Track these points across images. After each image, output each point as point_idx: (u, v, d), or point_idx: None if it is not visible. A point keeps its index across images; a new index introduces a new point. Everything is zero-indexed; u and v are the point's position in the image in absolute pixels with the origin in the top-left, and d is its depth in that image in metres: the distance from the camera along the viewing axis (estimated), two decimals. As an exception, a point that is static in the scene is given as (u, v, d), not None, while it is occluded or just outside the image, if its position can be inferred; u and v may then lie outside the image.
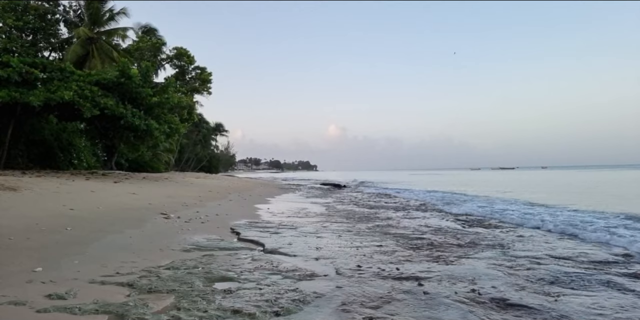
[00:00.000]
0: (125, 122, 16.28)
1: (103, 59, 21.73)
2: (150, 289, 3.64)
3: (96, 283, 3.75)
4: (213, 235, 6.80)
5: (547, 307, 3.46)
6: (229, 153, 73.48)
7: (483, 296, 3.73)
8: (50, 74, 15.98)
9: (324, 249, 5.87)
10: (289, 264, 4.84)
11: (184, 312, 3.13)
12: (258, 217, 10.03)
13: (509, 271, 4.68)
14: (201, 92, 34.35)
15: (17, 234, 5.43)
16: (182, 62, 32.34)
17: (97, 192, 11.02)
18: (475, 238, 7.13)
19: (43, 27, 20.97)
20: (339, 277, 4.35)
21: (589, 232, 7.34)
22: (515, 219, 9.67)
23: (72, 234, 5.89)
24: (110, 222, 7.16)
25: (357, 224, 8.91)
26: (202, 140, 49.39)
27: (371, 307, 3.41)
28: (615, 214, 9.99)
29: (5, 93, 14.10)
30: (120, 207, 9.07)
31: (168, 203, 10.81)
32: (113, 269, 4.25)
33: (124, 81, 16.73)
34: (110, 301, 3.26)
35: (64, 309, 3.05)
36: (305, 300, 3.53)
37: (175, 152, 38.22)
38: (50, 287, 3.52)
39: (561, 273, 4.61)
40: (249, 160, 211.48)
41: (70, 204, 8.26)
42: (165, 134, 18.52)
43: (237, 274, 4.33)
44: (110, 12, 23.51)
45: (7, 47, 17.87)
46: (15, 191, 9.11)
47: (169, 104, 18.36)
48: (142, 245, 5.58)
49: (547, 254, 5.68)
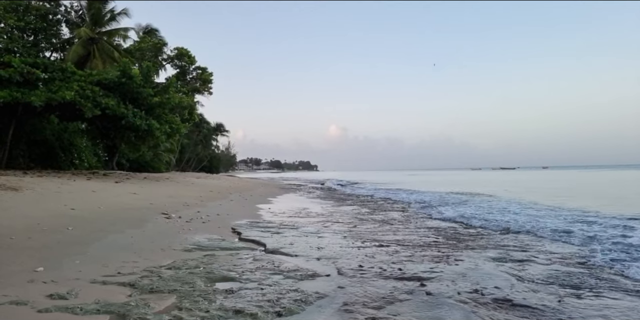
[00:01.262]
0: (127, 122, 16.29)
1: (104, 59, 21.74)
2: (152, 289, 3.63)
3: (97, 283, 3.74)
4: (214, 235, 6.79)
5: (551, 308, 3.44)
6: (229, 153, 73.53)
7: (486, 297, 3.71)
8: (52, 74, 15.99)
9: (326, 249, 5.85)
10: (290, 264, 4.82)
11: (186, 312, 3.12)
12: (259, 217, 10.02)
13: (512, 272, 4.66)
14: (202, 92, 34.34)
15: (19, 233, 5.42)
16: (183, 62, 32.32)
17: (98, 192, 11.02)
18: (476, 239, 7.11)
19: (44, 28, 20.97)
20: (341, 277, 4.33)
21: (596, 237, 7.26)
22: (510, 222, 9.59)
23: (74, 233, 5.88)
24: (111, 222, 7.15)
25: (358, 224, 8.89)
26: (202, 141, 49.41)
27: (373, 308, 3.39)
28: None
29: (6, 93, 14.11)
30: (121, 207, 9.07)
31: (169, 203, 10.80)
32: (114, 268, 4.24)
33: (125, 81, 16.74)
34: (112, 301, 3.25)
35: (66, 309, 3.04)
36: (307, 300, 3.51)
37: (176, 152, 38.24)
38: (52, 287, 3.51)
39: (565, 274, 4.59)
40: (250, 160, 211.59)
41: (71, 204, 8.26)
42: (166, 134, 18.53)
43: (238, 274, 4.32)
44: (112, 12, 23.52)
45: (8, 48, 17.86)
46: (16, 191, 9.12)
47: (170, 104, 18.37)
48: (144, 245, 5.57)
49: (549, 255, 5.65)
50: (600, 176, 47.22)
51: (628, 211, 10.68)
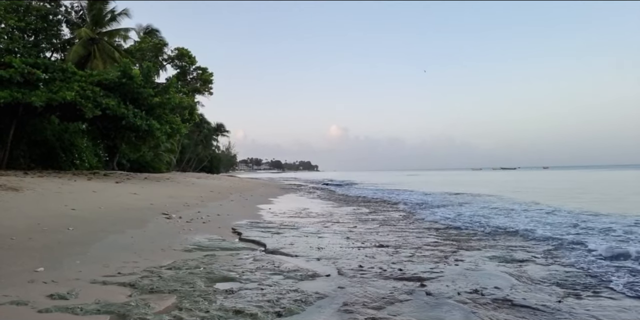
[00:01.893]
0: (127, 122, 16.31)
1: (105, 60, 21.76)
2: (152, 289, 3.63)
3: (98, 283, 3.75)
4: (214, 235, 6.79)
5: (551, 308, 3.44)
6: (230, 153, 73.58)
7: (486, 297, 3.71)
8: (52, 74, 16.01)
9: (326, 249, 5.85)
10: (290, 264, 4.83)
11: (186, 312, 3.12)
12: (259, 217, 10.02)
13: (512, 272, 4.66)
14: (202, 92, 34.36)
15: (19, 234, 5.43)
16: (183, 62, 32.33)
17: (99, 193, 11.03)
18: (477, 240, 7.11)
19: (45, 28, 21.00)
20: (341, 278, 4.34)
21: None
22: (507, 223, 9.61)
23: (74, 234, 5.89)
24: (111, 222, 7.16)
25: (358, 224, 8.89)
26: (203, 141, 49.46)
27: (373, 308, 3.39)
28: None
29: (7, 93, 14.13)
30: (121, 207, 9.08)
31: (169, 203, 10.81)
32: (115, 269, 4.25)
33: (125, 81, 16.76)
34: (112, 301, 3.25)
35: (66, 309, 3.04)
36: (307, 300, 3.51)
37: (177, 153, 38.27)
38: (52, 287, 3.52)
39: (565, 275, 4.59)
40: (250, 160, 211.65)
41: (72, 204, 8.27)
42: (167, 134, 18.55)
43: (238, 274, 4.32)
44: (112, 13, 23.56)
45: (9, 48, 17.88)
46: (17, 191, 9.13)
47: (171, 104, 18.39)
48: (144, 245, 5.58)
49: (550, 255, 5.65)
50: (602, 176, 47.14)
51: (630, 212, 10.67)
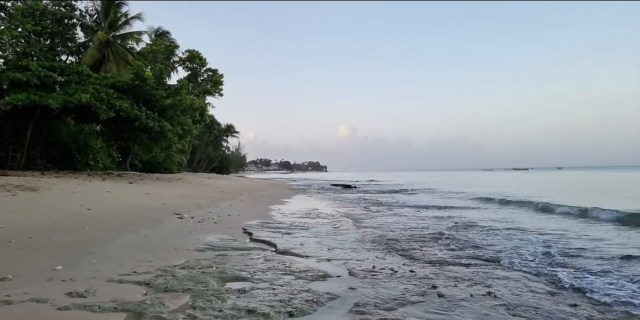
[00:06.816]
0: (140, 123, 16.58)
1: (118, 62, 22.16)
2: (167, 288, 3.69)
3: (114, 281, 3.83)
4: (226, 235, 6.86)
5: (565, 312, 3.39)
6: (239, 154, 74.12)
7: (499, 299, 3.68)
8: (68, 77, 16.39)
9: (336, 250, 5.86)
10: (301, 265, 4.85)
11: (200, 311, 3.17)
12: (270, 217, 10.08)
13: (524, 275, 4.61)
14: (213, 93, 34.72)
15: (38, 233, 5.57)
16: (194, 64, 32.74)
17: (113, 193, 11.23)
18: (493, 244, 7.03)
19: (60, 32, 21.49)
20: (352, 278, 4.34)
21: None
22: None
23: (90, 233, 6.02)
24: (126, 221, 7.29)
25: (369, 225, 8.86)
26: (213, 142, 49.92)
27: (385, 309, 3.39)
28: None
29: (24, 96, 14.51)
30: (135, 207, 9.23)
31: (181, 203, 10.95)
32: (130, 267, 4.33)
33: (138, 84, 17.04)
34: (128, 299, 3.32)
35: (84, 306, 3.12)
36: (319, 301, 3.53)
37: (188, 153, 38.71)
38: (70, 285, 3.61)
39: (579, 278, 4.52)
40: (259, 161, 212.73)
41: (87, 204, 8.44)
42: (178, 135, 18.81)
43: (250, 274, 4.36)
44: (126, 16, 24.01)
45: (26, 51, 18.35)
46: (35, 191, 9.36)
47: (182, 106, 18.64)
48: (157, 244, 5.67)
49: (563, 257, 5.56)
50: (622, 177, 46.02)
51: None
